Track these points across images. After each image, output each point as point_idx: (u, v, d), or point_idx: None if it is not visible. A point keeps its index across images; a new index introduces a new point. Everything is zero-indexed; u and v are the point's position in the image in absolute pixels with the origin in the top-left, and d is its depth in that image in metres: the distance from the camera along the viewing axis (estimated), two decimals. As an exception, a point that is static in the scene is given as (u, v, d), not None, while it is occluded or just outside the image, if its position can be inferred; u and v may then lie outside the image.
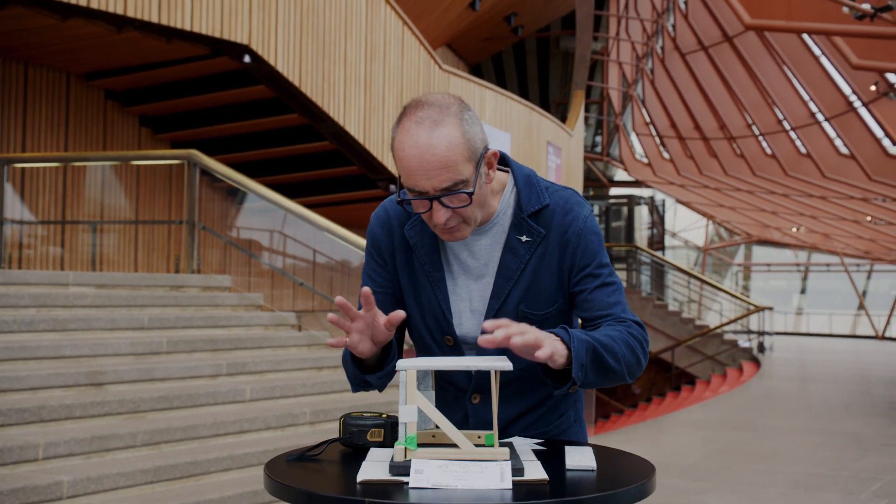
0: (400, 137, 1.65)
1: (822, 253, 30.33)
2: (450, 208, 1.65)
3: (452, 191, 1.63)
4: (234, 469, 4.84)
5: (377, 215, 1.88)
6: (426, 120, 1.62)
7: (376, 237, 1.86)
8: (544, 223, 1.77)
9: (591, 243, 1.77)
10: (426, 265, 1.80)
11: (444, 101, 1.66)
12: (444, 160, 1.61)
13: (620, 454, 1.68)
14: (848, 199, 18.68)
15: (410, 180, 1.64)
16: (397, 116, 1.69)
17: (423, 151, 1.61)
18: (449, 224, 1.68)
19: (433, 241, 1.80)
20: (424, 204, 1.66)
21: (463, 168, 1.63)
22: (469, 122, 1.66)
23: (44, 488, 4.02)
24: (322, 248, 10.07)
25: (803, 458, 6.64)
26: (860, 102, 16.35)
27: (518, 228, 1.77)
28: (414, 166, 1.62)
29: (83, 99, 9.31)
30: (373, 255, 1.87)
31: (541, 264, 1.77)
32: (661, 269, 19.42)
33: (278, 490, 1.41)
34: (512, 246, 1.77)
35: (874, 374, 13.87)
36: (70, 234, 9.22)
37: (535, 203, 1.77)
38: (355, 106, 8.95)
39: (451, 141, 1.62)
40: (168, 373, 5.52)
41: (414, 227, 1.81)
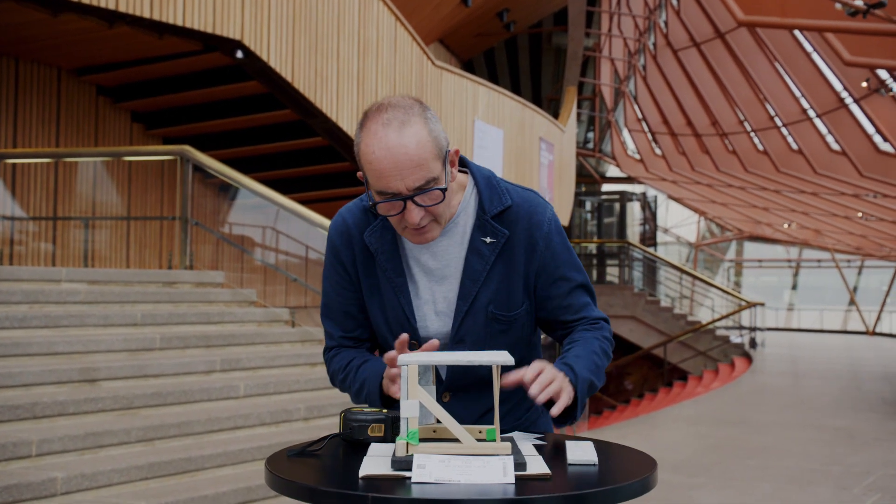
0: (367, 141, 1.65)
1: (813, 249, 30.43)
2: (423, 207, 1.65)
3: (425, 189, 1.64)
4: (228, 465, 4.84)
5: (335, 224, 1.88)
6: (393, 121, 1.63)
7: (335, 246, 1.87)
8: (508, 224, 1.78)
9: (558, 246, 1.80)
10: (388, 271, 1.81)
11: (406, 103, 1.68)
12: (416, 158, 1.62)
13: (621, 448, 1.68)
14: (839, 195, 18.74)
15: (382, 182, 1.64)
16: (359, 122, 1.70)
17: (394, 152, 1.61)
18: (422, 223, 1.68)
19: (393, 247, 1.81)
20: (397, 206, 1.65)
21: (433, 166, 1.64)
22: (433, 121, 1.68)
23: (37, 485, 4.01)
24: (315, 244, 10.05)
25: (796, 453, 6.67)
26: (851, 99, 16.39)
27: (482, 230, 1.78)
28: (386, 167, 1.62)
29: (74, 94, 9.27)
30: (333, 263, 1.88)
31: (508, 265, 1.78)
32: (653, 265, 19.46)
33: (280, 485, 1.41)
34: (476, 247, 1.78)
35: (865, 370, 13.93)
36: (62, 231, 9.18)
37: (497, 204, 1.78)
38: (348, 101, 8.93)
39: (420, 139, 1.63)
40: (161, 369, 5.50)
41: (374, 234, 1.81)
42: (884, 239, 23.66)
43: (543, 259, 1.79)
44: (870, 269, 30.59)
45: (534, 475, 1.39)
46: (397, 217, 1.68)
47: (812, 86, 17.19)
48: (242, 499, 4.57)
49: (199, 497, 4.37)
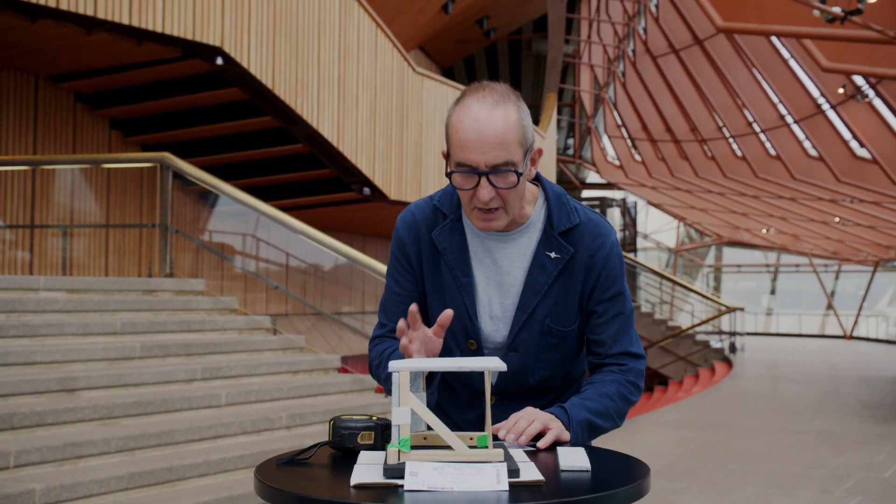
0: (459, 112, 1.70)
1: (791, 254, 30.67)
2: (496, 188, 1.68)
3: (502, 169, 1.67)
4: (210, 474, 4.79)
5: (404, 220, 1.89)
6: (488, 98, 1.69)
7: (403, 242, 1.88)
8: (573, 242, 1.82)
9: (615, 269, 1.85)
10: (455, 270, 1.83)
11: (505, 89, 1.73)
12: (501, 137, 1.66)
13: (613, 454, 1.67)
14: (817, 200, 18.89)
15: (463, 153, 1.67)
16: (457, 98, 1.75)
17: (482, 125, 1.66)
18: (491, 205, 1.70)
19: (462, 247, 1.83)
20: (471, 180, 1.69)
21: (515, 150, 1.68)
22: (524, 112, 1.72)
23: (15, 497, 3.95)
24: (295, 251, 10.03)
25: (777, 457, 6.69)
26: (828, 105, 16.55)
27: (547, 244, 1.81)
28: (471, 138, 1.66)
29: (52, 101, 9.18)
30: (398, 258, 1.90)
31: (568, 282, 1.82)
32: (633, 270, 19.52)
33: (270, 494, 1.38)
34: (541, 261, 1.81)
35: (844, 374, 14.03)
36: (39, 239, 9.08)
37: (566, 222, 1.82)
38: (328, 108, 8.91)
39: (509, 121, 1.67)
40: (142, 378, 5.45)
41: (443, 233, 1.84)
42: (860, 244, 23.88)
43: (598, 279, 1.83)
44: (847, 274, 30.87)
45: (527, 482, 1.38)
46: (469, 193, 1.71)
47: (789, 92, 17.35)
48: (225, 508, 4.52)
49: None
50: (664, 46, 20.18)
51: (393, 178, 10.04)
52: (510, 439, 1.63)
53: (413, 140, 10.50)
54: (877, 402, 10.16)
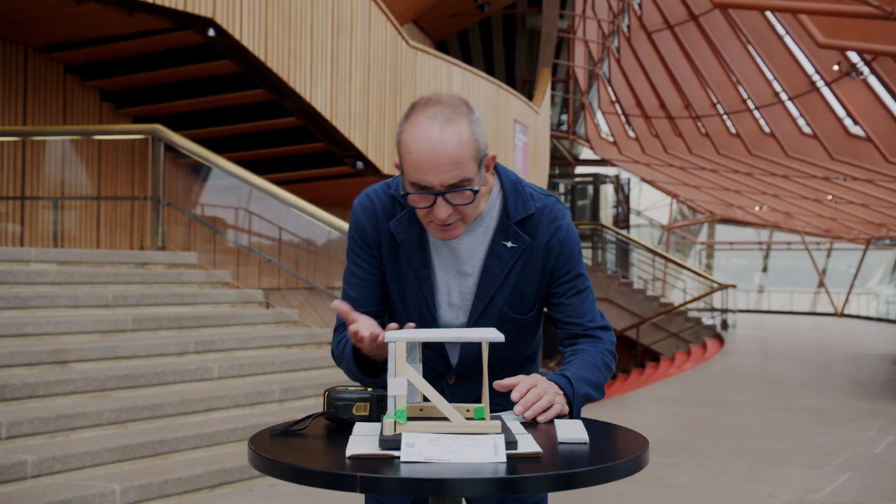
0: (410, 131, 1.68)
1: (783, 231, 30.74)
2: (452, 205, 1.68)
3: (457, 187, 1.66)
4: (202, 447, 4.79)
5: (363, 205, 1.88)
6: (439, 116, 1.66)
7: (362, 226, 1.87)
8: (529, 230, 1.83)
9: (573, 251, 1.86)
10: (413, 261, 1.84)
11: (455, 101, 1.71)
12: (455, 156, 1.64)
13: (611, 427, 1.66)
14: (810, 178, 18.90)
15: (417, 174, 1.66)
16: (405, 113, 1.73)
17: (434, 145, 1.64)
18: (448, 221, 1.70)
19: (420, 237, 1.83)
20: (426, 199, 1.68)
21: (469, 166, 1.67)
22: (476, 124, 1.71)
23: (7, 468, 3.94)
24: (288, 225, 9.98)
25: (768, 432, 6.72)
26: (823, 82, 16.51)
27: (504, 234, 1.82)
28: (424, 159, 1.64)
29: (42, 72, 9.08)
30: (358, 243, 1.88)
31: (524, 270, 1.83)
32: (625, 247, 19.54)
33: (264, 465, 1.37)
34: (496, 251, 1.82)
35: (834, 351, 14.10)
36: (30, 211, 9.02)
37: (521, 211, 1.82)
38: (322, 81, 8.83)
39: (461, 138, 1.66)
40: (134, 350, 5.43)
41: (401, 223, 1.83)
42: (853, 222, 23.94)
43: (557, 262, 1.84)
44: (838, 252, 30.97)
45: (525, 454, 1.37)
46: (425, 210, 1.70)
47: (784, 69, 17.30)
48: (217, 481, 4.52)
49: (172, 479, 4.32)
50: (659, 22, 20.09)
51: (386, 153, 9.99)
52: (518, 411, 1.63)
53: (407, 114, 10.44)
54: (867, 379, 10.22)
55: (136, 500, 4.16)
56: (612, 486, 4.89)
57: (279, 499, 4.48)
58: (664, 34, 20.10)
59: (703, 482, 5.08)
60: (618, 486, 4.90)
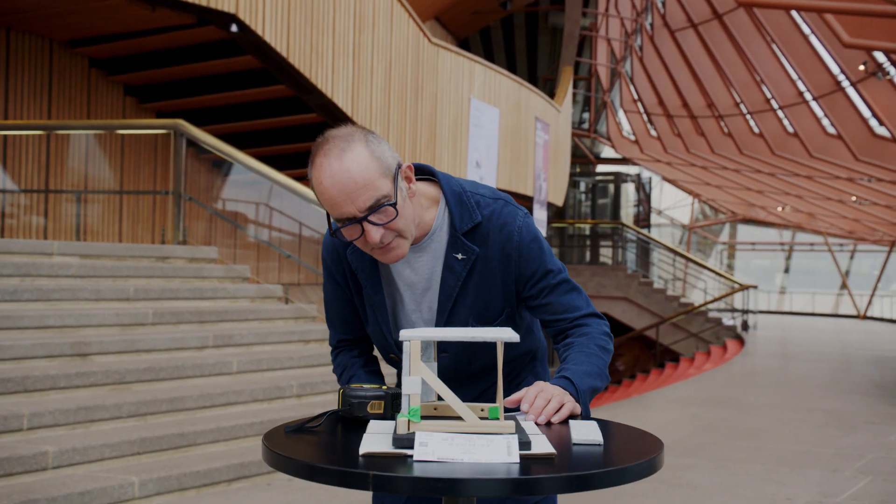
0: (315, 174, 1.70)
1: (806, 232, 30.49)
2: (380, 225, 1.68)
3: (376, 207, 1.67)
4: (221, 441, 4.81)
5: (325, 244, 1.95)
6: (333, 150, 1.68)
7: (327, 264, 1.95)
8: (479, 239, 1.82)
9: (532, 251, 1.84)
10: (367, 288, 1.88)
11: (345, 131, 1.72)
12: (361, 180, 1.66)
13: (625, 429, 1.65)
14: (834, 178, 18.73)
15: (336, 209, 1.68)
16: (309, 161, 1.75)
17: (339, 178, 1.66)
18: (384, 241, 1.71)
19: (373, 265, 1.86)
20: (356, 229, 1.70)
21: (381, 184, 1.67)
22: (374, 143, 1.71)
23: (28, 458, 3.98)
24: (308, 220, 10.00)
25: (787, 435, 6.68)
26: (848, 82, 16.36)
27: (454, 247, 1.83)
28: (335, 194, 1.66)
29: (67, 66, 9.16)
30: (326, 277, 1.96)
31: (482, 278, 1.83)
32: (646, 246, 19.46)
33: (278, 462, 1.37)
34: (449, 264, 1.83)
35: (856, 353, 13.98)
36: (54, 204, 9.10)
37: (467, 221, 1.82)
38: (343, 77, 8.85)
39: (360, 161, 1.67)
40: (154, 344, 5.47)
41: (354, 253, 1.87)
42: (877, 223, 23.71)
43: (519, 266, 1.83)
44: (862, 254, 30.69)
45: (538, 454, 1.36)
46: (361, 240, 1.72)
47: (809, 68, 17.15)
48: (234, 475, 4.55)
49: (190, 473, 4.35)
50: (683, 20, 19.97)
51: (407, 150, 10.00)
52: (531, 420, 1.63)
53: (427, 111, 10.44)
54: (889, 383, 10.12)
55: (154, 493, 4.19)
56: (628, 487, 4.88)
57: (297, 494, 4.49)
58: (688, 32, 19.99)
59: (721, 484, 5.06)
60: (634, 487, 4.89)
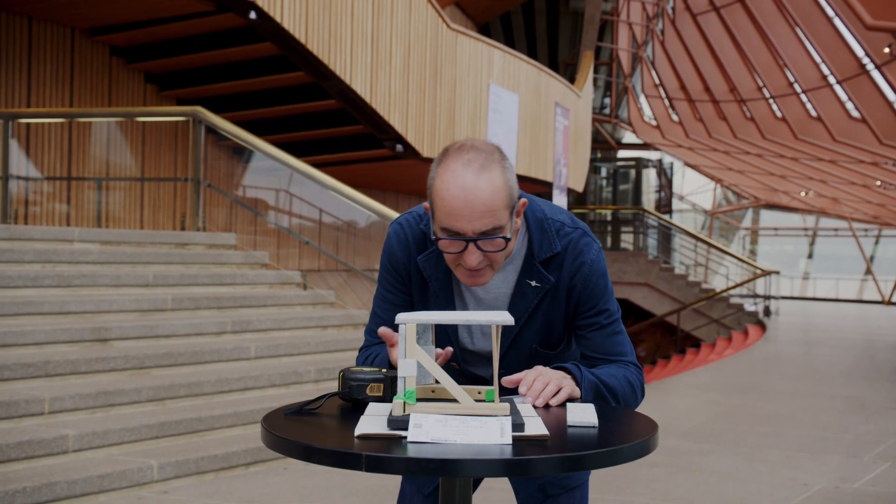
0: (444, 177, 1.66)
1: (830, 217, 30.19)
2: (483, 251, 1.67)
3: (490, 235, 1.65)
4: (238, 426, 4.87)
5: (397, 234, 1.88)
6: (473, 163, 1.65)
7: (395, 256, 1.88)
8: (554, 268, 1.81)
9: (597, 287, 1.83)
10: (439, 298, 1.84)
11: (489, 148, 1.70)
12: (489, 204, 1.64)
13: (622, 411, 1.66)
14: (858, 163, 18.53)
15: (449, 220, 1.65)
16: (437, 159, 1.72)
17: (469, 193, 1.63)
18: (478, 267, 1.69)
19: (447, 275, 1.83)
20: (457, 245, 1.67)
21: (502, 214, 1.66)
22: (510, 171, 1.70)
23: (49, 441, 4.05)
24: (328, 207, 10.05)
25: (807, 421, 6.65)
26: (873, 65, 16.15)
27: (528, 273, 1.81)
28: (458, 207, 1.63)
29: (88, 54, 9.24)
30: (391, 271, 1.89)
31: (551, 306, 1.83)
32: (668, 232, 19.36)
33: (275, 443, 1.40)
34: (522, 290, 1.82)
35: (879, 339, 13.87)
36: (76, 191, 9.20)
37: (546, 250, 1.81)
38: (362, 63, 8.86)
39: (495, 186, 1.65)
40: (173, 330, 5.53)
41: (430, 260, 1.83)
42: (902, 208, 23.42)
43: (580, 298, 1.83)
44: (887, 239, 30.35)
45: (532, 436, 1.38)
46: (454, 256, 1.70)
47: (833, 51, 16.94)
48: (251, 459, 4.60)
49: (208, 457, 4.41)
50: (705, 4, 19.77)
51: (426, 136, 10.00)
52: (528, 402, 1.64)
53: (446, 97, 10.43)
54: (911, 369, 10.04)
55: (173, 476, 4.25)
56: (643, 471, 4.89)
57: (313, 478, 4.54)
58: (710, 16, 19.80)
59: (738, 469, 5.05)
60: (649, 472, 4.90)
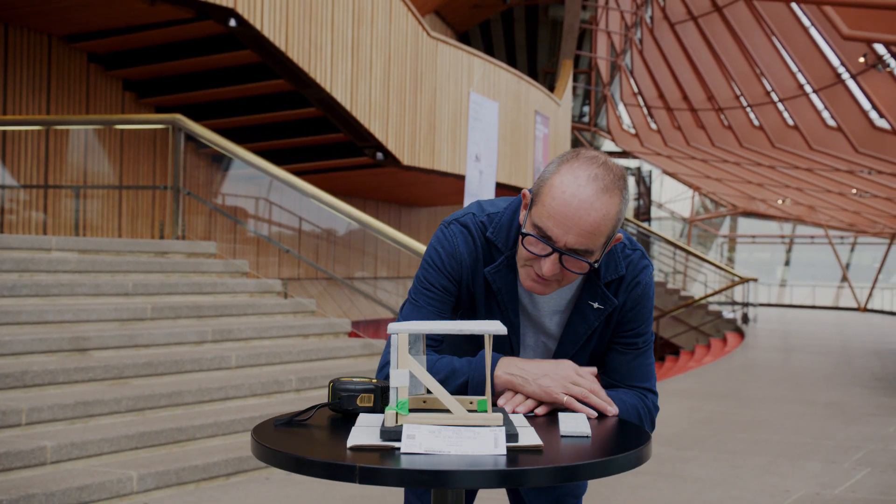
0: (566, 179, 1.61)
1: (806, 225, 30.46)
2: (564, 268, 1.62)
3: (579, 255, 1.61)
4: (219, 435, 4.82)
5: (465, 236, 1.78)
6: (600, 180, 1.60)
7: (461, 258, 1.77)
8: (616, 291, 1.78)
9: (644, 309, 1.81)
10: (507, 311, 1.78)
11: (619, 172, 1.64)
12: (595, 226, 1.59)
13: (615, 421, 1.65)
14: (834, 171, 18.71)
15: (549, 223, 1.60)
16: (563, 156, 1.66)
17: (581, 206, 1.58)
18: (549, 278, 1.64)
19: (513, 288, 1.77)
20: (544, 249, 1.62)
21: (600, 241, 1.62)
22: (625, 203, 1.65)
23: (27, 453, 3.99)
24: (308, 215, 10.02)
25: (787, 427, 6.68)
26: (848, 74, 16.33)
27: (591, 294, 1.77)
28: (565, 213, 1.58)
29: (65, 62, 9.16)
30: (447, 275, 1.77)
31: (606, 327, 1.81)
32: (646, 239, 19.45)
33: (266, 455, 1.38)
34: (583, 310, 1.77)
35: (856, 346, 13.98)
36: (53, 199, 9.11)
37: (612, 272, 1.77)
38: (342, 72, 8.84)
39: (609, 213, 1.60)
40: (152, 339, 5.48)
41: (499, 272, 1.76)
42: (877, 216, 23.68)
43: (624, 315, 1.81)
44: (862, 246, 30.66)
45: (526, 447, 1.37)
46: (531, 257, 1.65)
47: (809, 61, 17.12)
48: (233, 469, 4.56)
49: (189, 467, 4.36)
50: (683, 13, 19.93)
51: (406, 144, 10.00)
52: (508, 409, 1.64)
53: (427, 105, 10.44)
54: (889, 375, 10.12)
55: (153, 487, 4.20)
56: (627, 479, 4.88)
57: (295, 487, 4.51)
58: (688, 25, 19.95)
59: (720, 476, 5.06)
60: (633, 479, 4.90)
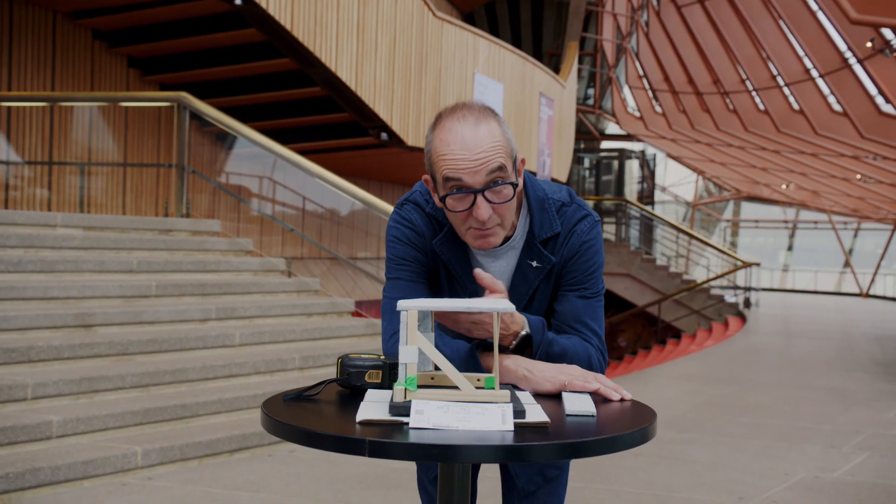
0: (441, 136, 1.68)
1: (810, 210, 30.43)
2: (492, 203, 1.67)
3: (498, 182, 1.66)
4: (223, 412, 4.86)
5: (407, 219, 1.83)
6: (468, 117, 1.67)
7: (418, 234, 1.83)
8: (554, 248, 1.82)
9: (587, 259, 1.83)
10: (462, 279, 1.83)
11: (481, 106, 1.72)
12: (490, 152, 1.65)
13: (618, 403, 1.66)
14: (839, 156, 18.67)
15: (455, 173, 1.66)
16: (431, 124, 1.72)
17: (469, 145, 1.65)
18: (488, 224, 1.69)
19: (465, 256, 1.82)
20: (466, 201, 1.67)
21: (506, 162, 1.67)
22: (505, 126, 1.71)
23: (32, 427, 4.02)
24: (311, 194, 10.02)
25: (787, 411, 6.71)
26: (855, 59, 16.26)
27: (529, 253, 1.82)
28: (461, 158, 1.65)
29: (70, 38, 9.14)
30: (413, 254, 1.83)
31: (548, 283, 1.84)
32: (650, 223, 19.44)
33: (276, 428, 1.39)
34: (523, 271, 1.83)
35: (858, 331, 14.00)
36: (57, 176, 9.11)
37: (547, 230, 1.81)
38: (347, 51, 8.82)
39: (495, 135, 1.67)
40: (157, 316, 5.50)
41: (446, 243, 1.82)
42: (881, 201, 23.65)
43: (570, 266, 1.83)
44: (866, 232, 30.64)
45: (532, 423, 1.38)
46: (464, 214, 1.69)
47: (816, 45, 17.04)
48: (236, 446, 4.59)
49: (192, 443, 4.39)
50: (690, -5, 19.82)
51: (410, 124, 9.98)
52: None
53: (431, 86, 10.41)
54: (890, 361, 10.15)
55: (157, 463, 4.24)
56: (627, 460, 4.92)
57: (298, 465, 4.54)
58: (694, 8, 19.85)
59: (719, 458, 5.09)
60: (633, 461, 4.93)
